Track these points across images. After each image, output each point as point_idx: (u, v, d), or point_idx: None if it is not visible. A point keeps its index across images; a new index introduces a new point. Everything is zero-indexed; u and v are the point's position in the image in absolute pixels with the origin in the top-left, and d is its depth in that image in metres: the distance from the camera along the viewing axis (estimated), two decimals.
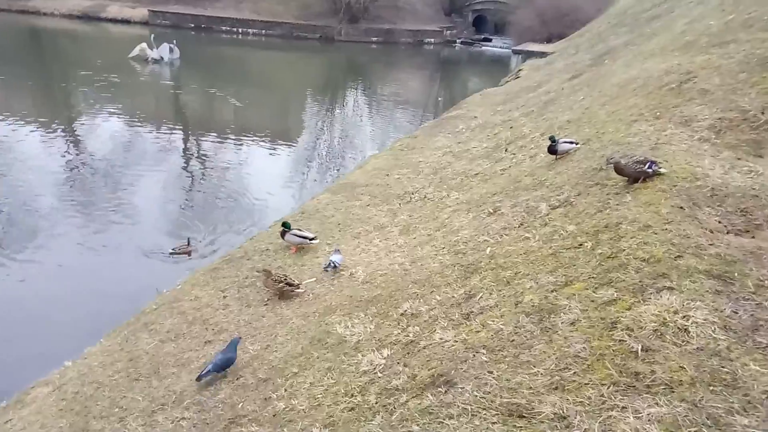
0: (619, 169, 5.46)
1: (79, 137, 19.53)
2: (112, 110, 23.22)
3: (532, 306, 4.19)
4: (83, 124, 21.12)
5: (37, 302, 9.57)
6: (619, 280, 4.01)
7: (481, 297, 4.75)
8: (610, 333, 3.54)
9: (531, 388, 3.40)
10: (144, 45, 32.98)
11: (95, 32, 45.86)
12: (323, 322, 5.66)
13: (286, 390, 4.72)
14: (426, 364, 4.12)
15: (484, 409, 3.39)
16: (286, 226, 7.84)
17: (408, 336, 4.71)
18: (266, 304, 6.62)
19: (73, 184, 14.76)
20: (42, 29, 44.70)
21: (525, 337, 3.90)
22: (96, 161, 16.70)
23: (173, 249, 11.26)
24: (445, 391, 3.70)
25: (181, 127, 21.99)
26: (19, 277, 10.35)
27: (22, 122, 20.02)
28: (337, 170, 18.19)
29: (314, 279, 6.97)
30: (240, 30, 48.78)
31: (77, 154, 17.39)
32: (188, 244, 11.39)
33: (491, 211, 6.81)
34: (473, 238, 6.27)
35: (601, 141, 7.23)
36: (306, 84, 34.21)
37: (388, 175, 10.54)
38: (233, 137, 20.61)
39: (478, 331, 4.22)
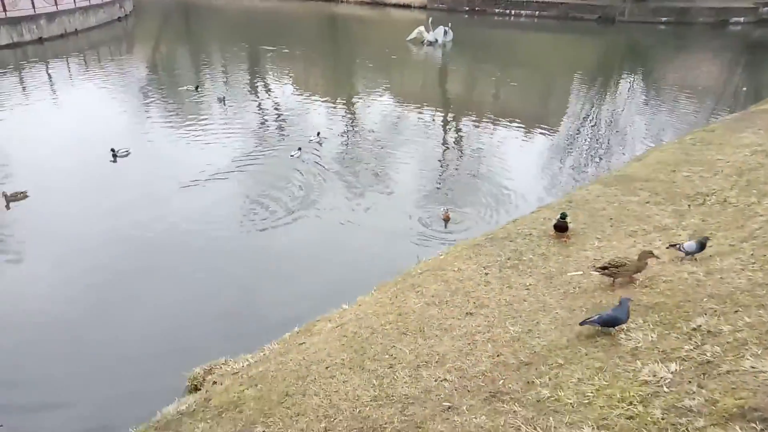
0: None
1: (355, 111, 22.11)
2: (385, 87, 25.75)
3: None
4: (360, 98, 23.87)
5: (316, 250, 11.06)
6: None
7: None
8: None
9: None
10: (422, 28, 35.40)
11: (380, 17, 51.05)
12: None
13: (550, 379, 4.59)
14: (731, 391, 3.53)
15: None
16: (563, 216, 7.58)
17: (704, 355, 4.09)
18: (528, 289, 6.53)
19: (347, 153, 16.75)
20: (338, 15, 51.70)
21: None
22: (367, 134, 18.69)
23: (444, 212, 12.20)
24: (761, 430, 3.11)
25: (442, 108, 23.09)
26: (302, 227, 12.03)
27: (313, 96, 23.55)
28: (600, 160, 16.90)
29: (581, 272, 6.61)
30: (513, 12, 48.65)
31: (353, 127, 19.71)
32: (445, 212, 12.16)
33: None
34: None
35: None
36: (575, 68, 32.34)
37: (674, 171, 9.30)
38: (492, 118, 20.80)
39: None
